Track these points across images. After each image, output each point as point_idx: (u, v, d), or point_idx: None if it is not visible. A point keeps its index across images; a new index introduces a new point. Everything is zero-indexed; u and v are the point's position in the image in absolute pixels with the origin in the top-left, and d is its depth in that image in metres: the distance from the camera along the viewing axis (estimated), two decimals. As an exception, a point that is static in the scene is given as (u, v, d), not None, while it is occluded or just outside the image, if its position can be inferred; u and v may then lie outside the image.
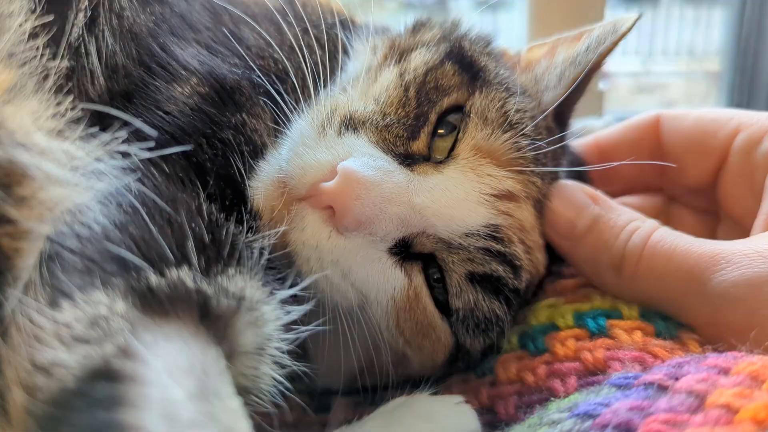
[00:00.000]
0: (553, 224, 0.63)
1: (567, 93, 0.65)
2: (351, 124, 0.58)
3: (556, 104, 0.65)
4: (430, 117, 0.59)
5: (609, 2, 1.59)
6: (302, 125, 0.59)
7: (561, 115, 0.68)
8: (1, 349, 0.38)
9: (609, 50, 0.66)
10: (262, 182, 0.56)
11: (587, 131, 0.81)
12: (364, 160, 0.54)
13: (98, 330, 0.37)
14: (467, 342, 0.59)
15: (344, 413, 0.60)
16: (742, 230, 0.63)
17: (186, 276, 0.42)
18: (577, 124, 0.74)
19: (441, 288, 0.58)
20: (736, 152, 0.65)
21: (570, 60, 0.66)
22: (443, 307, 0.59)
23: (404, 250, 0.57)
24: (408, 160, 0.57)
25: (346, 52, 0.67)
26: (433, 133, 0.59)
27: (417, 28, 0.71)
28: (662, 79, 3.01)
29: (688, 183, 0.71)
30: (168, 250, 0.43)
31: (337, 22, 0.67)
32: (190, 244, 0.44)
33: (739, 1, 1.92)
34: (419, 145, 0.58)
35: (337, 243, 0.54)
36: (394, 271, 0.56)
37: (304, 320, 0.50)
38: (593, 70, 0.66)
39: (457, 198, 0.56)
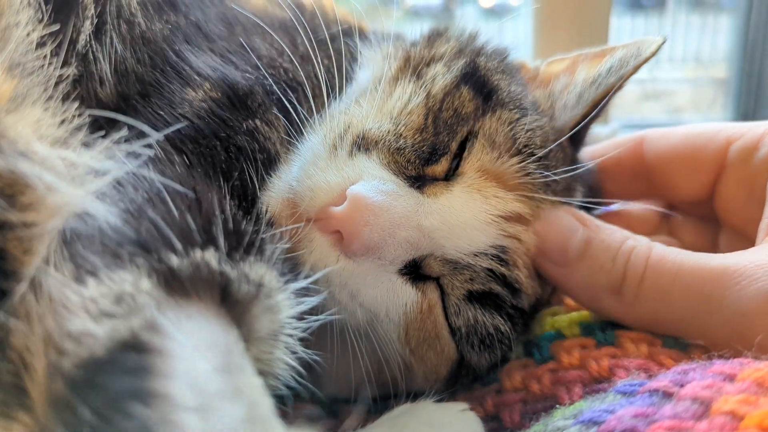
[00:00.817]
0: (543, 252, 0.60)
1: (585, 114, 0.64)
2: (363, 144, 0.58)
3: (572, 126, 0.64)
4: (451, 146, 0.58)
5: (614, 10, 1.59)
6: (314, 143, 0.59)
7: (577, 135, 0.67)
8: (27, 314, 0.38)
9: (630, 74, 0.64)
10: (273, 199, 0.56)
11: (593, 139, 0.81)
12: (373, 184, 0.54)
13: (125, 305, 0.38)
14: (472, 358, 0.59)
15: (358, 419, 0.60)
16: (744, 238, 0.63)
17: (212, 257, 0.43)
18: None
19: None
20: (733, 162, 0.65)
21: (591, 80, 0.65)
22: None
23: (414, 271, 0.57)
24: (418, 182, 0.57)
25: (357, 60, 0.67)
26: (453, 159, 0.58)
27: (432, 38, 0.70)
28: (669, 85, 3.00)
29: (682, 197, 0.71)
30: (196, 231, 0.44)
31: (347, 30, 0.67)
32: (217, 228, 0.45)
33: (746, 8, 1.92)
34: (438, 169, 0.58)
35: (345, 267, 0.54)
36: (404, 288, 0.56)
37: (314, 313, 0.51)
38: (613, 92, 0.65)
39: (465, 218, 0.55)
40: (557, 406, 0.52)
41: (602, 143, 0.77)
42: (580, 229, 0.59)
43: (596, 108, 0.65)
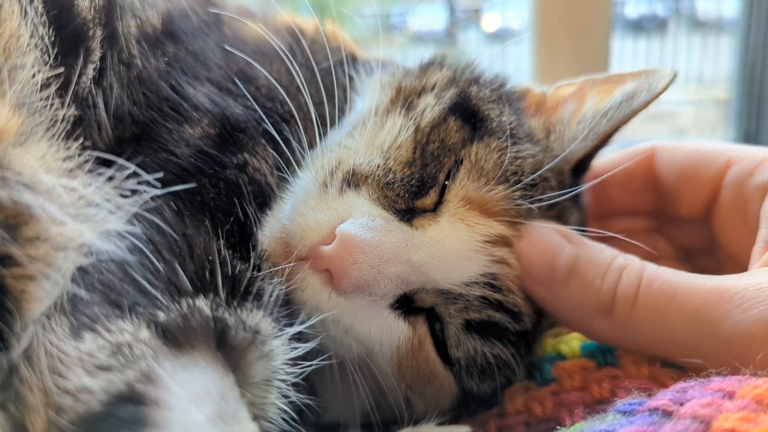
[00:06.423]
0: (528, 271, 0.57)
1: (595, 146, 0.64)
2: (353, 180, 0.58)
3: (581, 157, 0.65)
4: (439, 178, 0.58)
5: (615, 33, 1.60)
6: (305, 181, 0.59)
7: (581, 165, 0.66)
8: (22, 377, 0.39)
9: (640, 109, 0.64)
10: (266, 238, 0.57)
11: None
12: (362, 221, 0.54)
13: (121, 357, 0.39)
14: (473, 388, 0.59)
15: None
16: (737, 264, 0.62)
17: (203, 305, 0.44)
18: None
19: (443, 339, 0.58)
20: (729, 185, 0.65)
21: (601, 113, 0.64)
22: (446, 356, 0.58)
23: (406, 305, 0.57)
24: (408, 215, 0.57)
25: (354, 89, 0.68)
26: (442, 191, 0.58)
27: (425, 68, 0.70)
28: (672, 107, 3.01)
29: (681, 214, 0.71)
30: (185, 280, 0.44)
31: (348, 58, 0.68)
32: (212, 274, 0.46)
33: (745, 29, 1.93)
34: (426, 202, 0.58)
35: (337, 303, 0.54)
36: (397, 323, 0.57)
37: (308, 356, 0.51)
38: (622, 124, 0.65)
39: (453, 249, 0.55)
40: (558, 427, 0.52)
41: (611, 154, 0.76)
42: (567, 246, 0.56)
43: (605, 140, 0.65)
